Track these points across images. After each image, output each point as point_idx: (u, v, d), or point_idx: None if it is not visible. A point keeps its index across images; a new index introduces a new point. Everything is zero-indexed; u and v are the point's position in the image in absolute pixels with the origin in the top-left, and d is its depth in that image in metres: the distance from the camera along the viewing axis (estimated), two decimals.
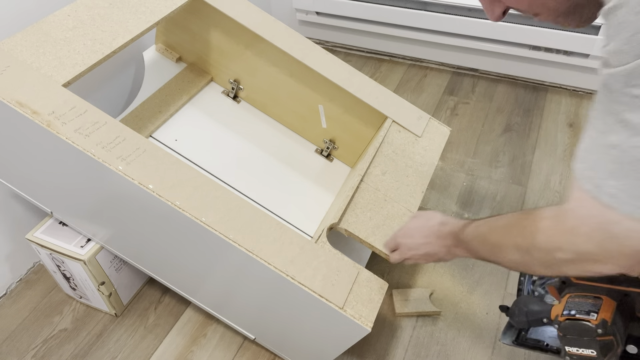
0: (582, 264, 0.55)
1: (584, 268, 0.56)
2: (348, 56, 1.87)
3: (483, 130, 1.52)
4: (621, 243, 0.50)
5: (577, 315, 0.69)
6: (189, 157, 1.10)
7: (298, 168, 1.19)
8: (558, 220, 0.56)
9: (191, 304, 1.09)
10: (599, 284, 0.72)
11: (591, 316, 0.68)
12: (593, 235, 0.52)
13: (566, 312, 0.70)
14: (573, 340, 0.70)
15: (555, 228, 0.56)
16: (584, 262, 0.55)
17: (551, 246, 0.57)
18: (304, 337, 0.91)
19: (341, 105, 1.15)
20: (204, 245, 0.82)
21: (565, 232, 0.55)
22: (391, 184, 1.00)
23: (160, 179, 0.79)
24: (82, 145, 0.77)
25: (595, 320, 0.67)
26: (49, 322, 1.07)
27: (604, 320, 0.67)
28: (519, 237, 0.62)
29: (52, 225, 1.00)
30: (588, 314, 0.68)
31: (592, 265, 0.54)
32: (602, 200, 0.49)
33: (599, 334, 0.67)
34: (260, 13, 1.12)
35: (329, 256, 0.83)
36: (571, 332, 0.70)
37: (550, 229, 0.57)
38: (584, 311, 0.69)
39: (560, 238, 0.55)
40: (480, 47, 1.64)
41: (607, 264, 0.53)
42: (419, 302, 1.08)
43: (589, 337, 0.68)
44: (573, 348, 0.70)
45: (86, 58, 0.87)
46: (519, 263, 0.64)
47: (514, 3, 0.59)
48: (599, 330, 0.67)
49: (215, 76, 1.26)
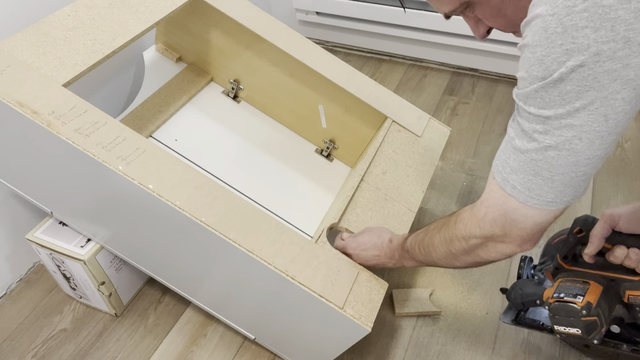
0: (490, 246, 0.68)
1: (492, 249, 0.68)
2: (348, 56, 1.87)
3: (483, 130, 1.52)
4: (519, 226, 0.63)
5: (565, 297, 0.77)
6: (189, 157, 1.10)
7: (298, 168, 1.19)
8: (473, 210, 0.68)
9: (191, 304, 1.09)
10: (588, 270, 0.79)
11: (577, 299, 0.76)
12: (498, 220, 0.64)
13: (556, 295, 0.78)
14: (561, 320, 0.78)
15: (470, 217, 0.68)
16: (491, 244, 0.67)
17: (467, 233, 0.69)
18: (304, 337, 0.91)
19: (341, 105, 1.15)
20: (204, 245, 0.82)
21: (477, 219, 0.67)
22: (392, 184, 1.00)
23: (160, 179, 0.79)
24: (82, 145, 0.77)
25: (581, 302, 0.75)
26: (49, 322, 1.07)
27: (589, 302, 0.75)
28: (445, 232, 0.73)
29: (52, 225, 1.00)
30: (575, 296, 0.76)
31: (498, 246, 0.67)
32: (507, 190, 0.62)
33: (583, 315, 0.75)
34: (260, 13, 1.12)
35: (329, 256, 0.83)
36: (559, 313, 0.78)
37: (467, 218, 0.69)
38: (572, 294, 0.77)
39: (474, 225, 0.67)
40: (480, 47, 1.64)
41: (508, 244, 0.66)
42: (419, 302, 1.08)
43: (574, 318, 0.76)
44: (561, 327, 0.78)
45: (86, 58, 0.87)
46: (447, 255, 0.74)
47: (494, 24, 0.68)
48: (584, 312, 0.75)
49: (215, 76, 1.26)
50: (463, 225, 0.69)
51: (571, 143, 0.54)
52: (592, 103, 0.52)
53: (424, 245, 0.78)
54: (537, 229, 0.63)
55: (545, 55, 0.52)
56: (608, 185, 1.32)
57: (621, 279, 0.76)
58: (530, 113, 0.56)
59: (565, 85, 0.52)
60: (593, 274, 0.79)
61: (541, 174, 0.58)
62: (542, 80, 0.53)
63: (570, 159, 0.56)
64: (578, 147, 0.54)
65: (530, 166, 0.58)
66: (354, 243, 0.87)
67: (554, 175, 0.57)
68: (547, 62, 0.52)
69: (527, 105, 0.56)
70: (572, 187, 0.58)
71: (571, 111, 0.53)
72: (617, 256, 0.75)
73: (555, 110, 0.54)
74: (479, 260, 0.72)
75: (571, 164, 0.56)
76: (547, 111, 0.54)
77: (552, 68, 0.52)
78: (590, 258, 0.79)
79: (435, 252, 0.76)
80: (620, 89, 0.50)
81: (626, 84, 0.50)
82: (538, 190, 0.59)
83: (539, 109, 0.55)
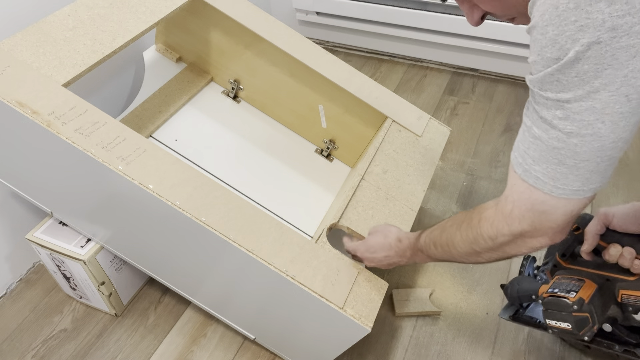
0: (520, 242, 0.65)
1: (522, 245, 0.65)
2: (348, 56, 1.87)
3: (483, 130, 1.52)
4: (548, 218, 0.60)
5: (559, 292, 0.77)
6: (189, 157, 1.10)
7: (298, 168, 1.19)
8: (498, 207, 0.65)
9: (191, 304, 1.09)
10: (584, 269, 0.80)
11: (570, 294, 0.76)
12: (526, 216, 0.61)
13: (550, 290, 0.79)
14: (553, 314, 0.78)
15: (496, 215, 0.65)
16: (521, 240, 0.64)
17: (494, 232, 0.66)
18: (304, 337, 0.91)
19: (341, 105, 1.15)
20: (204, 245, 0.82)
21: (504, 216, 0.63)
22: (392, 183, 1.00)
23: (160, 179, 0.79)
24: (82, 145, 0.77)
25: (573, 298, 0.76)
26: (49, 322, 1.07)
27: (581, 299, 0.75)
28: (467, 230, 0.70)
29: (52, 225, 1.00)
30: (568, 292, 0.77)
31: (528, 241, 0.64)
32: (530, 182, 0.59)
33: (574, 310, 0.75)
34: (260, 13, 1.12)
35: (329, 256, 0.83)
36: (552, 307, 0.78)
37: (492, 216, 0.66)
38: (566, 290, 0.77)
39: (501, 223, 0.64)
40: (480, 47, 1.64)
41: (539, 238, 0.63)
42: (419, 302, 1.08)
43: (566, 312, 0.77)
44: (553, 321, 0.79)
45: (86, 58, 0.87)
46: (469, 253, 0.71)
47: (490, 8, 0.65)
48: (575, 307, 0.75)
49: (215, 76, 1.26)
50: (489, 224, 0.66)
51: (594, 127, 0.52)
52: (612, 82, 0.49)
53: (442, 244, 0.75)
54: (568, 220, 0.60)
55: (558, 34, 0.49)
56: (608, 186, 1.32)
57: (616, 279, 0.76)
58: (548, 98, 0.53)
59: (582, 65, 0.49)
60: (589, 272, 0.80)
61: (565, 162, 0.55)
62: (556, 61, 0.51)
63: (594, 144, 0.53)
64: (602, 131, 0.52)
65: (552, 155, 0.56)
66: (363, 247, 0.87)
67: (578, 163, 0.55)
68: (560, 41, 0.49)
69: (543, 90, 0.54)
70: (599, 172, 0.56)
71: (591, 92, 0.50)
72: (612, 255, 0.75)
73: (574, 92, 0.51)
74: (505, 256, 0.69)
75: (596, 149, 0.53)
76: (566, 94, 0.52)
77: (567, 47, 0.49)
78: (587, 255, 0.80)
79: (455, 249, 0.73)
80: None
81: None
82: (563, 180, 0.56)
83: (556, 92, 0.52)
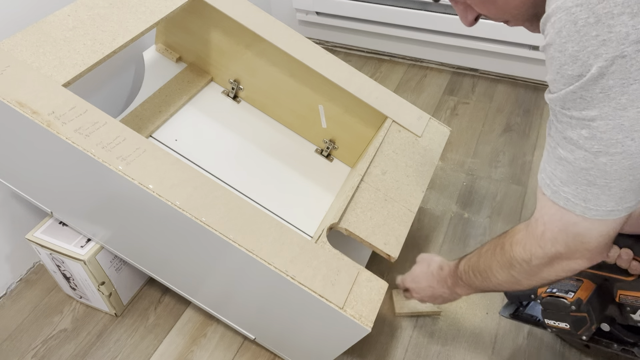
0: (556, 265, 0.62)
1: (559, 268, 0.62)
2: (348, 56, 1.87)
3: (483, 130, 1.52)
4: (583, 240, 0.58)
5: (557, 292, 0.78)
6: (189, 157, 1.10)
7: (298, 168, 1.19)
8: (529, 230, 0.62)
9: (191, 304, 1.09)
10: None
11: (569, 294, 0.77)
12: (559, 238, 0.59)
13: (549, 290, 0.80)
14: (551, 314, 0.80)
15: (527, 237, 0.63)
16: (557, 263, 0.61)
17: (527, 255, 0.63)
18: (304, 337, 0.91)
19: (341, 105, 1.15)
20: (204, 245, 0.82)
21: (536, 239, 0.61)
22: (391, 184, 1.00)
23: (160, 179, 0.79)
24: (82, 145, 0.77)
25: (572, 298, 0.76)
26: (49, 322, 1.07)
27: (579, 299, 0.76)
28: (501, 255, 0.67)
29: (52, 225, 1.00)
30: (567, 292, 0.77)
31: (565, 263, 0.61)
32: (560, 204, 0.56)
33: (572, 310, 0.76)
34: (260, 13, 1.12)
35: (329, 256, 0.83)
36: (550, 307, 0.79)
37: (524, 239, 0.63)
38: (564, 290, 0.78)
39: (533, 245, 0.62)
40: (480, 47, 1.64)
41: (576, 260, 0.60)
42: (419, 302, 1.07)
43: (564, 312, 0.78)
44: (551, 321, 0.80)
45: (86, 58, 0.87)
46: (508, 281, 0.68)
47: (484, 11, 0.64)
48: (573, 307, 0.76)
49: (215, 76, 1.26)
50: (521, 248, 0.64)
51: (623, 145, 0.50)
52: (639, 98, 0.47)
53: (480, 271, 0.73)
54: (605, 240, 0.58)
55: (579, 50, 0.48)
56: None
57: (614, 279, 0.77)
58: (572, 117, 0.51)
59: (607, 80, 0.47)
60: (588, 272, 0.80)
61: (596, 183, 0.53)
62: (579, 78, 0.49)
63: (624, 162, 0.51)
64: (631, 148, 0.50)
65: (581, 176, 0.53)
66: (409, 277, 0.88)
67: (610, 182, 0.52)
68: (582, 57, 0.48)
69: (566, 108, 0.52)
70: (633, 191, 0.53)
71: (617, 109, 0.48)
72: (610, 255, 0.75)
73: (599, 110, 0.49)
74: (545, 281, 0.66)
75: (627, 168, 0.51)
76: (591, 111, 0.50)
77: (589, 63, 0.47)
78: None
79: (495, 277, 0.70)
80: None
81: None
82: (595, 201, 0.54)
83: (580, 110, 0.50)
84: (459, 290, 0.80)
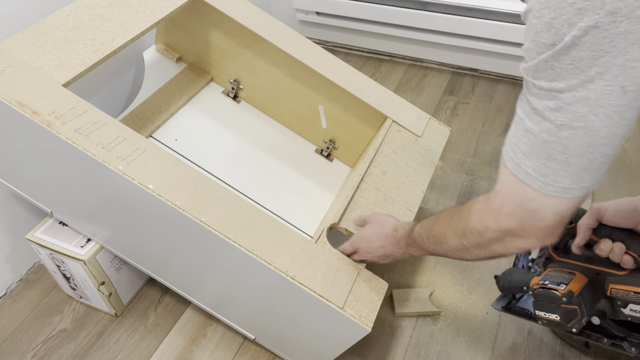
0: (507, 241, 0.62)
1: (510, 245, 0.62)
2: (348, 56, 1.87)
3: (483, 130, 1.52)
4: (537, 217, 0.57)
5: (549, 285, 0.78)
6: (189, 157, 1.10)
7: (298, 168, 1.19)
8: (487, 203, 0.62)
9: (191, 304, 1.09)
10: (576, 262, 0.81)
11: (560, 287, 0.77)
12: (515, 213, 0.58)
13: (541, 282, 0.80)
14: (542, 305, 0.80)
15: (484, 210, 0.63)
16: (508, 239, 0.62)
17: (482, 227, 0.63)
18: (304, 337, 0.91)
19: (341, 105, 1.15)
20: (204, 245, 0.82)
21: (493, 212, 0.61)
22: (391, 184, 1.00)
23: (160, 179, 0.79)
24: (82, 145, 0.77)
25: (563, 290, 0.77)
26: (49, 322, 1.07)
27: (571, 291, 0.76)
28: (457, 223, 0.68)
29: (52, 225, 1.00)
30: (558, 284, 0.78)
31: (516, 241, 0.61)
32: (520, 177, 0.56)
33: (563, 302, 0.77)
34: (260, 13, 1.12)
35: (328, 256, 0.83)
36: (541, 299, 0.80)
37: (481, 210, 0.63)
38: (556, 282, 0.78)
39: (489, 218, 0.62)
40: (480, 47, 1.64)
41: (527, 238, 0.60)
42: (419, 302, 1.08)
43: (555, 304, 0.78)
44: (542, 312, 0.80)
45: (86, 58, 0.87)
46: (459, 248, 0.69)
47: None
48: (564, 299, 0.76)
49: (215, 76, 1.26)
50: (477, 219, 0.64)
51: (587, 120, 0.49)
52: (607, 71, 0.47)
53: (434, 235, 0.73)
54: (557, 221, 0.58)
55: (555, 18, 0.47)
56: (608, 186, 1.32)
57: (607, 273, 0.77)
58: (541, 88, 0.51)
59: (578, 51, 0.47)
60: (581, 265, 0.80)
61: (555, 157, 0.53)
62: (551, 47, 0.48)
63: (586, 138, 0.50)
64: (594, 124, 0.49)
65: (543, 149, 0.53)
66: (359, 237, 0.85)
67: (569, 158, 0.52)
68: (556, 25, 0.47)
69: (537, 79, 0.51)
70: (590, 171, 0.53)
71: (585, 81, 0.48)
72: (603, 249, 0.76)
73: (568, 81, 0.49)
74: (493, 255, 0.67)
75: (587, 144, 0.51)
76: (559, 83, 0.49)
77: (563, 31, 0.47)
78: (578, 249, 0.81)
79: (446, 243, 0.71)
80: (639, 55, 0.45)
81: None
82: (553, 176, 0.54)
83: (550, 81, 0.50)
84: (412, 251, 0.80)
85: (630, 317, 0.77)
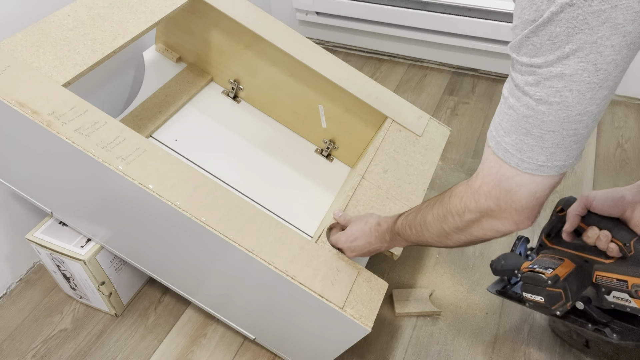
0: (485, 223, 0.64)
1: (488, 227, 0.64)
2: (348, 56, 1.87)
3: (483, 130, 1.52)
4: (513, 198, 0.59)
5: (537, 268, 0.82)
6: (189, 157, 1.10)
7: (298, 168, 1.19)
8: (469, 183, 0.64)
9: (191, 304, 1.09)
10: (566, 249, 0.85)
11: (547, 271, 0.81)
12: (492, 192, 0.60)
13: (530, 266, 0.84)
14: (529, 288, 0.84)
15: (465, 190, 0.65)
16: (486, 220, 0.63)
17: (461, 208, 0.65)
18: (304, 337, 0.91)
19: (341, 105, 1.15)
20: (204, 245, 0.82)
21: (472, 192, 0.63)
22: (393, 182, 1.00)
23: (160, 179, 0.79)
24: (82, 145, 0.77)
25: (549, 274, 0.80)
26: (49, 322, 1.07)
27: (557, 275, 0.80)
28: (438, 208, 0.70)
29: (52, 225, 1.00)
30: (546, 269, 0.81)
31: (493, 222, 0.63)
32: (499, 155, 0.58)
33: (548, 285, 0.81)
34: (260, 13, 1.12)
35: (328, 256, 0.83)
36: (529, 281, 0.84)
37: (462, 192, 0.65)
38: (544, 267, 0.82)
39: (469, 198, 0.64)
40: (480, 47, 1.64)
41: (503, 220, 0.62)
42: (419, 302, 1.08)
43: (540, 286, 0.82)
44: (528, 294, 0.85)
45: (86, 58, 0.87)
46: (439, 233, 0.71)
47: None
48: (549, 282, 0.80)
49: (215, 76, 1.26)
50: (458, 200, 0.66)
51: (561, 95, 0.52)
52: (581, 48, 0.49)
53: (416, 225, 0.75)
54: (532, 202, 0.59)
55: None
56: (608, 185, 1.32)
57: (594, 260, 0.80)
58: (523, 64, 0.54)
59: (555, 27, 0.49)
60: (570, 253, 0.84)
61: (532, 132, 0.55)
62: (532, 23, 0.51)
63: (560, 113, 0.53)
64: (569, 99, 0.52)
65: (521, 124, 0.55)
66: (343, 237, 0.86)
67: (544, 134, 0.55)
68: (537, 1, 0.50)
69: (520, 55, 0.54)
70: (564, 148, 0.55)
71: (561, 57, 0.50)
72: (590, 237, 0.78)
73: (545, 57, 0.51)
74: (472, 238, 0.68)
75: (562, 120, 0.53)
76: (538, 58, 0.52)
77: (542, 7, 0.49)
78: (568, 236, 0.84)
79: (427, 230, 0.73)
80: (610, 34, 0.48)
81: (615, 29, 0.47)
82: (529, 152, 0.56)
83: (530, 57, 0.52)
84: (396, 243, 0.83)
85: (613, 304, 0.79)
